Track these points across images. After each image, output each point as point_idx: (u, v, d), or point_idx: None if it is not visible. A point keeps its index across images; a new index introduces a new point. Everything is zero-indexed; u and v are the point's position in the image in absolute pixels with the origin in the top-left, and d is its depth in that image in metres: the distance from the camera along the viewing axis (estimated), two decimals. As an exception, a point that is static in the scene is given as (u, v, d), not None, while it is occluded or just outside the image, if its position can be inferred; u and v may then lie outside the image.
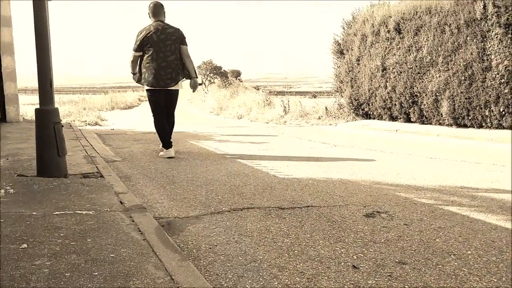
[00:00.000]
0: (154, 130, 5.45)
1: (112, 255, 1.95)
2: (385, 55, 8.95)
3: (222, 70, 40.82)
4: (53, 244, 2.06)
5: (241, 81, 43.86)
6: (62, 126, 3.64)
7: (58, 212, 2.56)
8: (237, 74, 45.90)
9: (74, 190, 3.08)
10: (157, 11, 5.02)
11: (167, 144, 5.07)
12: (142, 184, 3.67)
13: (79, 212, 2.58)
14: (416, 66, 8.22)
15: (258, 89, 26.79)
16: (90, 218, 2.47)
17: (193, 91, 5.30)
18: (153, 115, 5.14)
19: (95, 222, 2.39)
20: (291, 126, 10.26)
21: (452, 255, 2.12)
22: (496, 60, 6.89)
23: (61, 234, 2.20)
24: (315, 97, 18.95)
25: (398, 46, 8.61)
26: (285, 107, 12.74)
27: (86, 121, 11.96)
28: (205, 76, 38.93)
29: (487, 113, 7.13)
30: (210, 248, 2.23)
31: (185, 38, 5.05)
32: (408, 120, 8.72)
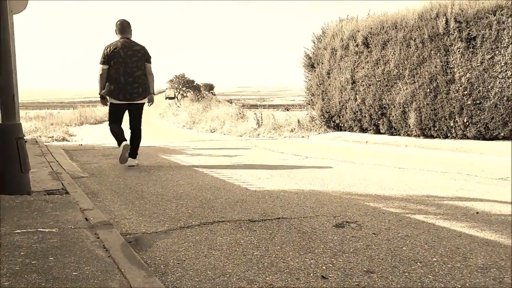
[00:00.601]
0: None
1: (75, 273, 1.88)
2: (354, 68, 9.16)
3: (194, 84, 40.74)
4: (12, 264, 1.97)
5: (214, 95, 43.89)
6: (26, 141, 3.53)
7: (19, 231, 2.46)
8: (210, 87, 45.93)
9: (37, 208, 2.97)
10: (123, 28, 5.28)
11: (122, 139, 5.23)
12: (110, 200, 3.58)
13: (41, 230, 2.48)
14: (384, 79, 8.45)
15: (231, 103, 26.85)
16: (53, 236, 2.38)
17: (149, 105, 5.59)
18: (109, 123, 5.40)
19: (58, 240, 2.31)
20: (264, 139, 10.30)
21: (418, 263, 2.15)
22: (459, 73, 7.17)
23: (22, 253, 2.11)
24: (288, 110, 19.17)
25: (367, 60, 8.84)
26: (258, 120, 12.80)
27: (53, 136, 11.64)
28: (178, 90, 38.72)
29: (452, 124, 7.38)
30: (178, 263, 2.19)
31: (150, 56, 5.35)
32: (377, 131, 8.92)
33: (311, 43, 10.77)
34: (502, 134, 6.79)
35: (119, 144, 5.27)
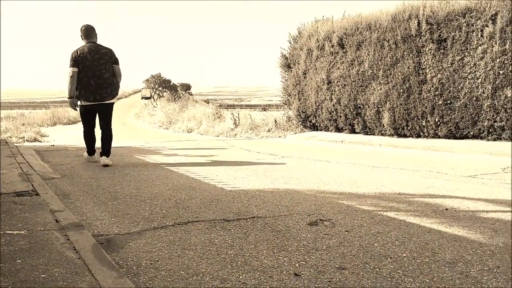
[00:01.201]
0: (97, 145, 5.68)
1: (44, 275, 1.84)
2: (329, 68, 9.27)
3: (171, 84, 40.33)
4: (-23, 268, 1.91)
5: (191, 95, 43.54)
6: (-7, 141, 3.42)
7: (-15, 234, 2.38)
8: (187, 87, 45.53)
9: (5, 210, 2.89)
10: (88, 33, 5.40)
11: (93, 152, 5.74)
12: (82, 201, 3.51)
13: (9, 232, 2.42)
14: (359, 79, 8.58)
15: (208, 103, 26.73)
16: (21, 238, 2.32)
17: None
18: (84, 128, 5.57)
19: (27, 242, 2.25)
20: (241, 139, 10.30)
21: (388, 258, 2.20)
22: (430, 73, 7.35)
23: (-13, 257, 2.05)
24: (265, 110, 19.18)
25: (342, 60, 8.96)
26: (235, 120, 12.79)
27: (24, 137, 11.32)
28: (154, 90, 38.24)
29: (424, 124, 7.56)
30: (151, 263, 2.17)
31: (117, 58, 5.50)
32: (352, 131, 9.05)
33: (287, 43, 10.84)
34: (471, 133, 7.00)
35: (89, 154, 5.75)
